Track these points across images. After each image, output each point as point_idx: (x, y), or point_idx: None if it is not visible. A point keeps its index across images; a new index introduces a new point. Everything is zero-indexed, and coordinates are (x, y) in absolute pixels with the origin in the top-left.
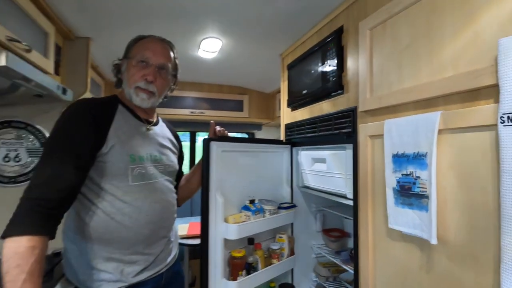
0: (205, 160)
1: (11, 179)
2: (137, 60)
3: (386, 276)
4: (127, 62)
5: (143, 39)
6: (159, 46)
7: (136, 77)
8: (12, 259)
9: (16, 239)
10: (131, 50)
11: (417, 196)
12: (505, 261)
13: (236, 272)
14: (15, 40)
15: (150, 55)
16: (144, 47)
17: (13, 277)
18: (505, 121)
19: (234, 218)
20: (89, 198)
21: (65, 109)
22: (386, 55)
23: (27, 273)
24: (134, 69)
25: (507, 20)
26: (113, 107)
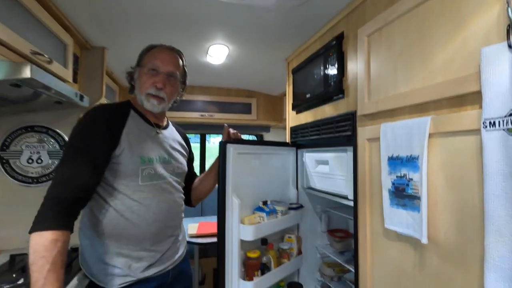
0: (222, 163)
1: (34, 180)
2: (147, 69)
3: (383, 275)
4: (139, 70)
5: (153, 49)
6: (168, 55)
7: (147, 85)
8: (38, 251)
9: (41, 233)
10: (143, 59)
11: (410, 197)
12: (488, 260)
13: (252, 272)
14: (38, 53)
15: (159, 63)
16: (154, 56)
17: (38, 267)
18: (487, 126)
19: (249, 219)
20: (102, 196)
21: (83, 115)
22: (382, 61)
23: (51, 264)
24: (145, 77)
25: (491, 29)
26: (125, 112)
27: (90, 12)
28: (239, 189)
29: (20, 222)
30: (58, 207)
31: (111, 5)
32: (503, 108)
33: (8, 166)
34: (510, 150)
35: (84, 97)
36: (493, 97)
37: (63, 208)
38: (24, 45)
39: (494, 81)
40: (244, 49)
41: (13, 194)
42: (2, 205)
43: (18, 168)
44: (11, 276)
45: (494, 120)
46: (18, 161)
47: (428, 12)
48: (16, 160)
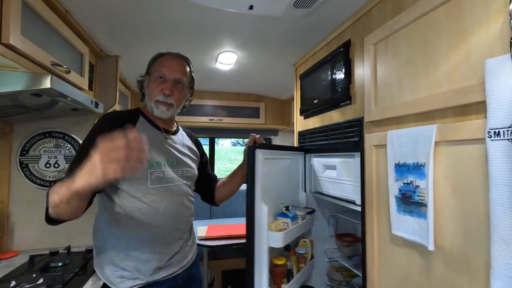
0: (251, 168)
1: (51, 183)
2: (155, 76)
3: (390, 280)
4: (147, 78)
5: (161, 57)
6: (175, 62)
7: (155, 92)
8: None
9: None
10: (151, 67)
11: (416, 204)
12: (494, 268)
13: (280, 280)
14: (57, 64)
15: (166, 71)
16: (161, 64)
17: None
18: (492, 135)
19: (275, 225)
20: (113, 198)
21: (96, 122)
22: (389, 69)
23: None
24: (153, 85)
25: (494, 41)
26: (134, 118)
27: (106, 22)
28: (264, 195)
29: (38, 224)
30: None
31: (125, 15)
32: (507, 119)
33: (27, 170)
34: None
35: (99, 104)
36: (497, 108)
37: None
38: (45, 57)
39: (498, 92)
40: (253, 55)
41: (32, 197)
42: (21, 207)
43: (36, 172)
44: (31, 276)
45: (498, 130)
46: (36, 165)
47: (433, 22)
48: (35, 165)
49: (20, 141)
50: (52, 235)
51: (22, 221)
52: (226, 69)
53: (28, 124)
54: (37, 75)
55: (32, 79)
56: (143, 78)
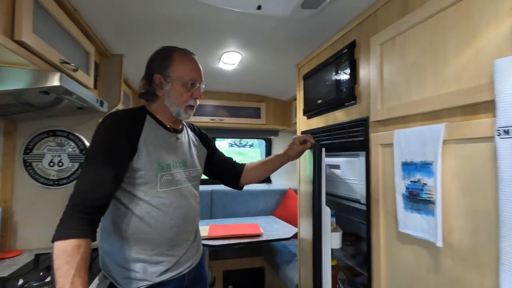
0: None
1: (54, 182)
2: (186, 81)
3: (397, 278)
4: (172, 81)
5: (178, 55)
6: (198, 64)
7: (185, 97)
8: (61, 257)
9: (64, 241)
10: (173, 68)
11: (424, 201)
12: (504, 263)
13: (335, 281)
14: (65, 62)
15: (196, 76)
16: (190, 69)
17: (64, 272)
18: (501, 133)
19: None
20: (122, 201)
21: (101, 122)
22: (395, 70)
23: (76, 269)
24: (183, 89)
25: (503, 42)
26: (141, 118)
27: (113, 21)
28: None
29: (42, 223)
30: (81, 214)
31: (132, 14)
32: None
33: (31, 169)
34: None
35: (104, 103)
36: (507, 107)
37: (85, 216)
38: (54, 55)
39: (507, 91)
40: (256, 56)
41: (35, 196)
42: (25, 206)
43: (40, 171)
44: (38, 274)
45: (508, 129)
46: (40, 164)
47: (441, 23)
48: (39, 163)
49: (23, 140)
50: None
51: (26, 220)
52: (230, 69)
53: (32, 123)
54: (46, 73)
55: (42, 77)
56: (154, 77)
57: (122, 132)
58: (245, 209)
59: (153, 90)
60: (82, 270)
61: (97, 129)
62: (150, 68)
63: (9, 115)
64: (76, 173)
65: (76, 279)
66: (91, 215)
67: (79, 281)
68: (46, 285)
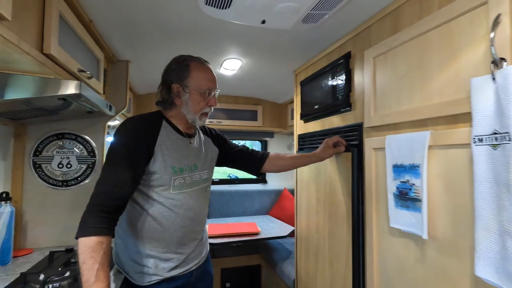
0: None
1: (63, 183)
2: (204, 90)
3: (388, 268)
4: (190, 91)
5: (195, 65)
6: (213, 73)
7: (202, 105)
8: (86, 252)
9: (88, 238)
10: (190, 78)
11: (412, 199)
12: (478, 251)
13: None
14: (82, 70)
15: (212, 85)
16: (206, 79)
17: (89, 266)
18: (476, 141)
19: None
20: (138, 202)
21: (121, 126)
22: (387, 81)
23: (99, 263)
24: (200, 98)
25: (479, 63)
26: (158, 123)
27: (124, 30)
28: None
29: (51, 222)
30: (102, 213)
31: (142, 24)
32: (488, 128)
33: (40, 170)
34: (494, 161)
35: (112, 107)
36: (481, 119)
37: (106, 214)
38: (73, 64)
39: (481, 106)
40: (256, 62)
41: (44, 196)
42: (34, 206)
43: (49, 172)
44: (57, 270)
45: (481, 137)
46: (49, 165)
47: (427, 43)
48: (48, 165)
49: (33, 143)
50: (65, 234)
51: (35, 220)
52: (230, 74)
53: (41, 126)
54: (66, 81)
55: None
56: (172, 87)
57: (141, 137)
58: (241, 208)
59: (172, 99)
60: (105, 264)
61: (117, 133)
62: (168, 78)
63: (20, 119)
64: (84, 175)
65: (100, 272)
66: (111, 214)
67: (103, 274)
68: (66, 279)
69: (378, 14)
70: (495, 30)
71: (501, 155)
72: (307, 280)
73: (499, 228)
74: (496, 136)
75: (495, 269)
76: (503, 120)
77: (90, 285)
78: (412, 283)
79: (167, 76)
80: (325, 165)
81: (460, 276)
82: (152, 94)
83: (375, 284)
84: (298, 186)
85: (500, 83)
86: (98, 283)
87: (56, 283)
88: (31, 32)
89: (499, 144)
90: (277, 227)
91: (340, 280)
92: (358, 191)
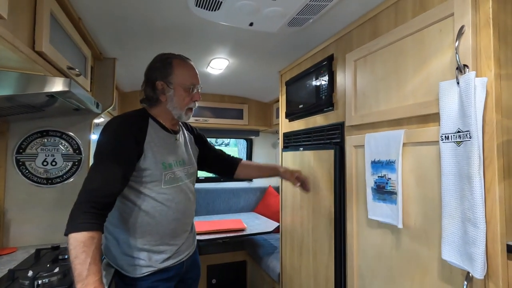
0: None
1: (48, 181)
2: (187, 86)
3: (367, 256)
4: (174, 87)
5: (178, 62)
6: (195, 70)
7: (186, 101)
8: (78, 247)
9: (79, 233)
10: (174, 76)
11: (388, 193)
12: (444, 236)
13: None
14: (71, 68)
15: (196, 81)
16: (190, 75)
17: (81, 261)
18: (443, 139)
19: None
20: (130, 198)
21: (109, 125)
22: (367, 83)
23: (91, 257)
24: (185, 94)
25: (446, 68)
26: (145, 121)
27: (112, 28)
28: None
29: (35, 220)
30: (92, 209)
31: (131, 21)
32: (453, 127)
33: (24, 168)
34: (458, 157)
35: (99, 105)
36: (447, 118)
37: (97, 210)
38: (63, 62)
39: (447, 107)
40: (242, 62)
41: (28, 195)
42: (18, 204)
43: (33, 170)
44: (45, 266)
45: (448, 135)
46: (33, 163)
47: (402, 48)
48: (32, 162)
49: (16, 140)
50: (51, 232)
51: (19, 218)
52: (217, 73)
53: (25, 123)
54: (56, 79)
55: (51, 82)
56: (157, 84)
57: (130, 135)
58: (227, 206)
59: (157, 96)
60: (96, 259)
61: (106, 131)
62: (152, 75)
63: (3, 116)
64: (70, 172)
65: (92, 266)
66: (101, 210)
67: (95, 268)
68: (55, 275)
69: (359, 20)
70: (459, 39)
71: (463, 151)
72: (292, 272)
73: (461, 216)
74: (460, 134)
75: (458, 252)
76: (465, 119)
77: (82, 279)
78: (389, 269)
79: (151, 74)
80: (309, 162)
81: (430, 260)
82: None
83: (355, 272)
84: (283, 182)
85: (463, 87)
86: (90, 276)
87: (46, 279)
88: (24, 30)
89: (462, 141)
90: (262, 223)
91: (323, 270)
92: (340, 186)
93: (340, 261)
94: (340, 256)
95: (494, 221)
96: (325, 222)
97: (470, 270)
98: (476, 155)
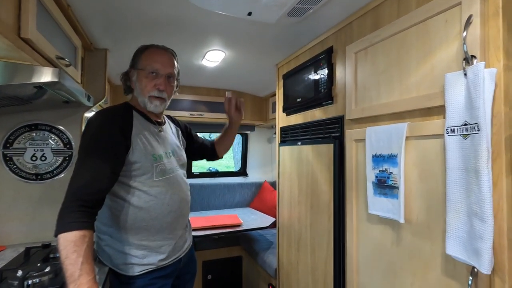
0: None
1: (37, 176)
2: (148, 71)
3: (367, 252)
4: (137, 72)
5: (148, 49)
6: (166, 57)
7: (148, 87)
8: (69, 247)
9: (70, 232)
10: (140, 61)
11: (390, 187)
12: (448, 231)
13: None
14: (61, 57)
15: (159, 66)
16: (153, 59)
17: (72, 261)
18: (449, 132)
19: None
20: (120, 195)
21: (93, 120)
22: (368, 76)
23: (83, 257)
24: (145, 80)
25: (451, 60)
26: (129, 114)
27: (103, 17)
28: None
29: (24, 218)
30: (82, 208)
31: (121, 10)
32: (459, 120)
33: (11, 163)
34: (464, 150)
35: (91, 97)
36: (453, 111)
37: (86, 209)
38: (51, 51)
39: (453, 99)
40: (239, 54)
41: (17, 191)
42: (6, 201)
43: (21, 165)
44: (35, 265)
45: (453, 128)
46: (21, 158)
47: (405, 40)
48: (20, 157)
49: (3, 134)
50: (41, 229)
51: (7, 215)
52: (212, 66)
53: (12, 116)
54: (44, 69)
55: (40, 72)
56: (129, 72)
57: (117, 128)
58: (222, 201)
59: (129, 84)
60: (89, 258)
61: (90, 126)
62: (129, 65)
63: None
64: (60, 167)
65: (84, 266)
66: (91, 208)
67: (88, 267)
68: (46, 274)
69: (360, 11)
70: (467, 29)
71: (470, 144)
72: (289, 268)
73: (468, 210)
74: (467, 126)
75: (463, 247)
76: (473, 112)
77: (74, 279)
78: (389, 264)
79: (130, 64)
80: (308, 157)
81: (433, 255)
82: None
83: (354, 267)
84: (280, 177)
85: (470, 78)
86: (83, 276)
87: (36, 278)
88: (9, 15)
89: (469, 134)
90: (258, 218)
91: (321, 266)
92: (339, 181)
93: (339, 256)
94: (339, 252)
95: (500, 216)
96: (323, 217)
97: (476, 265)
98: (485, 148)
